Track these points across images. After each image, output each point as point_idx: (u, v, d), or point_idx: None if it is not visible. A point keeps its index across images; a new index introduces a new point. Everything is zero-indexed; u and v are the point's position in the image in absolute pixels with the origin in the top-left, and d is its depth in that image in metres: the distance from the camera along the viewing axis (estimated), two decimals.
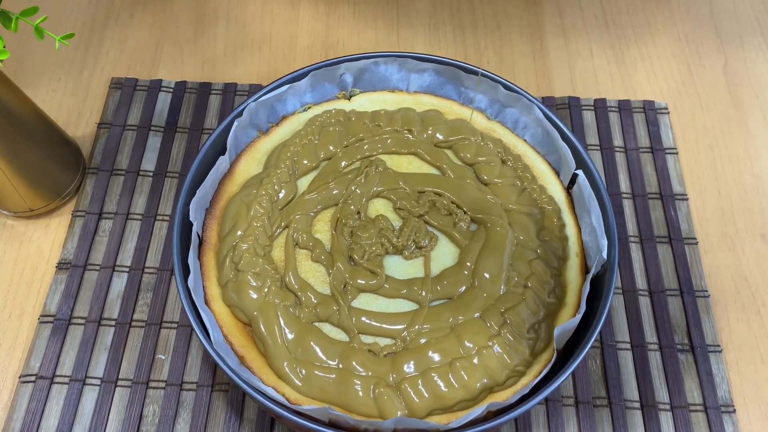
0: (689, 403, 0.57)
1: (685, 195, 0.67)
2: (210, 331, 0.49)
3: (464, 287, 0.53)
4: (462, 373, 0.48)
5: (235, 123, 0.57)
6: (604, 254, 0.51)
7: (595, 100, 0.72)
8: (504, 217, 0.56)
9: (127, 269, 0.61)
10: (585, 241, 0.55)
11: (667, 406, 0.57)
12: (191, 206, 0.53)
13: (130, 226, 0.63)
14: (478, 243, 0.54)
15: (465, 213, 0.56)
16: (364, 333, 0.51)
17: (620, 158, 0.69)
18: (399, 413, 0.47)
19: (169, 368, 0.57)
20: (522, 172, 0.59)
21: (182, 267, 0.51)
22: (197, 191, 0.54)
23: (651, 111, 0.72)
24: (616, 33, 0.78)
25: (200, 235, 0.55)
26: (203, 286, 0.53)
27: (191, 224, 0.53)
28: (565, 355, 0.51)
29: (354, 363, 0.49)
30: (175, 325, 0.59)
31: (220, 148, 0.57)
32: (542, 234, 0.55)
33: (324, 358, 0.50)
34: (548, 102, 0.72)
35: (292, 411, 0.46)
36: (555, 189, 0.58)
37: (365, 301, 0.52)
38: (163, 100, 0.71)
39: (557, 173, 0.59)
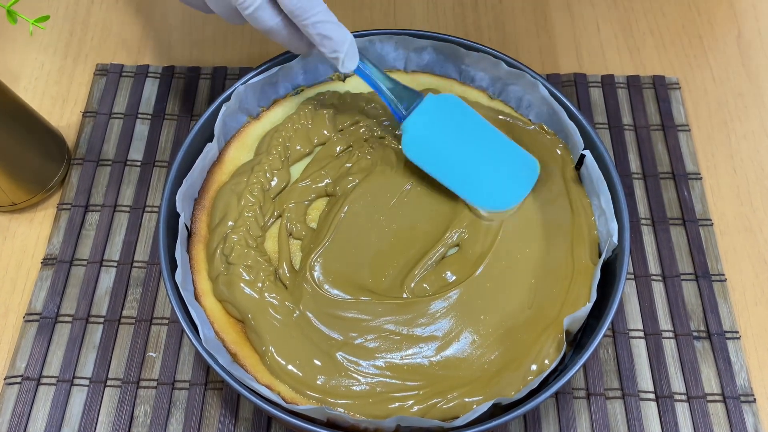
0: (706, 393, 0.54)
1: (699, 174, 0.64)
2: (199, 328, 0.46)
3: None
4: None
5: (223, 108, 0.54)
6: (615, 239, 0.49)
7: (603, 77, 0.69)
8: None
9: (116, 264, 0.59)
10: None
11: (684, 397, 0.54)
12: (177, 197, 0.50)
13: (118, 218, 0.61)
14: None
15: None
16: None
17: (630, 137, 0.66)
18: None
19: (160, 366, 0.55)
20: None
21: (169, 261, 0.49)
22: (184, 181, 0.51)
23: (661, 86, 0.69)
24: (624, 6, 0.75)
25: (189, 226, 0.52)
26: (193, 281, 0.50)
27: (179, 216, 0.51)
28: (576, 345, 0.49)
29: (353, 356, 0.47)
30: (166, 322, 0.56)
31: (208, 135, 0.54)
32: None
33: (321, 351, 0.48)
34: (553, 79, 0.69)
35: (288, 411, 0.44)
36: None
37: None
38: (151, 87, 0.68)
39: None
